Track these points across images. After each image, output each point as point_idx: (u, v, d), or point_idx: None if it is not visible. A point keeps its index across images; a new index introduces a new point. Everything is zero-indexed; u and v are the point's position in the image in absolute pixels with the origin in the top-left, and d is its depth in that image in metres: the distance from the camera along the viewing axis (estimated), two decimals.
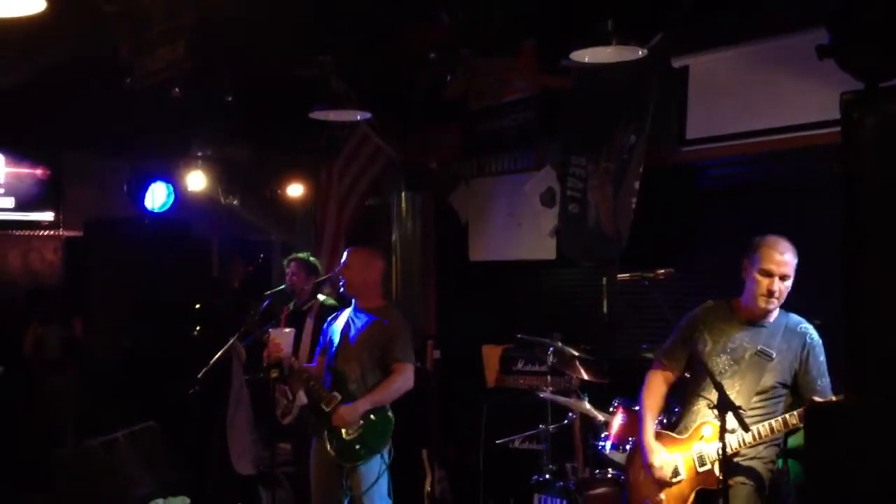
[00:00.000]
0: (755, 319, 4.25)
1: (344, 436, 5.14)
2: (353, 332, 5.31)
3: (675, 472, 4.22)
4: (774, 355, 4.16)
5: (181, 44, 5.84)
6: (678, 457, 4.24)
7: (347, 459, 5.17)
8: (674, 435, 4.34)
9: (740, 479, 4.11)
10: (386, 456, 5.26)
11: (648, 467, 4.24)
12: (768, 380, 4.16)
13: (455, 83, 6.62)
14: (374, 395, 5.17)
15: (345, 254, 5.48)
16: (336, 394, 5.20)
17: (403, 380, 5.24)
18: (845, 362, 3.05)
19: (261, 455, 6.83)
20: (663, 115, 6.02)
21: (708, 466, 4.16)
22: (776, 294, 4.12)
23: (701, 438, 4.21)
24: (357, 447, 5.14)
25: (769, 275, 4.12)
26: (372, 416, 5.19)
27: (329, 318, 5.58)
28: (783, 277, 4.14)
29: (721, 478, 3.91)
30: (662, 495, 4.21)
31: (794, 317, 4.27)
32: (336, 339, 5.36)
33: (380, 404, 5.20)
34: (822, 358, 4.17)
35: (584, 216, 6.46)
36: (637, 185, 6.01)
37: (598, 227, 6.32)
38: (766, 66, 5.50)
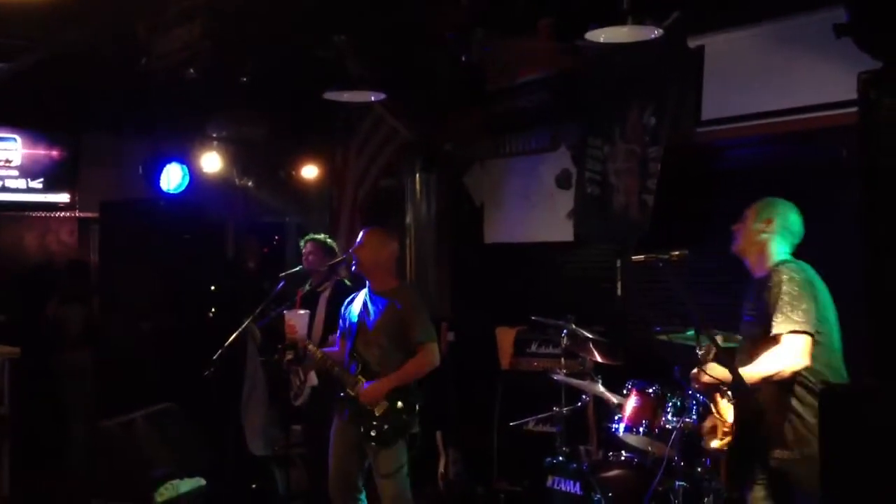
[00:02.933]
0: None
1: (375, 414, 5.15)
2: (370, 317, 5.29)
3: None
4: None
5: (197, 24, 5.84)
6: None
7: (378, 441, 5.15)
8: None
9: None
10: (403, 444, 5.25)
11: None
12: None
13: (471, 62, 6.58)
14: (399, 374, 5.16)
15: (361, 233, 5.47)
16: (360, 377, 5.19)
17: (429, 359, 5.22)
18: (865, 346, 3.04)
19: (275, 436, 6.85)
20: (679, 96, 5.99)
21: None
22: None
23: None
24: (386, 427, 5.14)
25: None
26: (399, 403, 5.16)
27: (346, 301, 5.57)
28: (741, 218, 4.33)
29: None
30: None
31: None
32: (353, 323, 5.36)
33: (404, 383, 5.18)
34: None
35: (609, 199, 6.43)
36: (658, 167, 5.99)
37: (625, 211, 6.30)
38: (782, 45, 5.45)
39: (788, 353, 3.85)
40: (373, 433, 5.14)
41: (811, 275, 3.99)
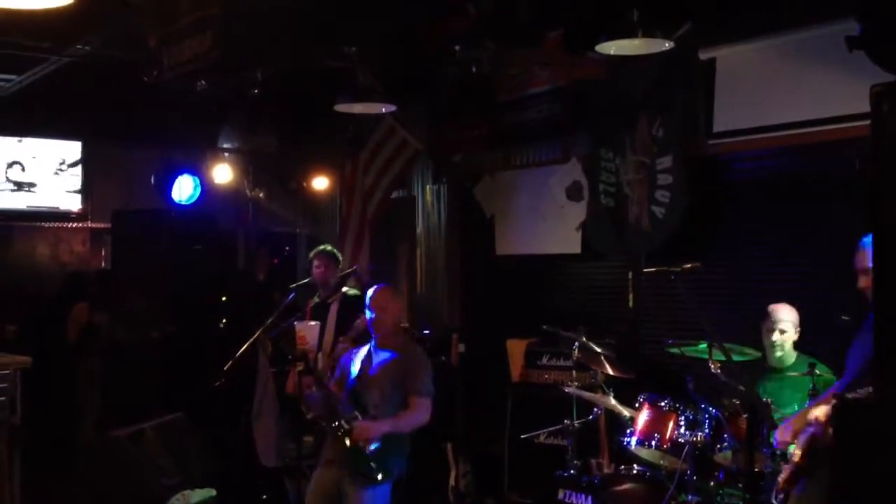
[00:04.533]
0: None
1: (363, 451, 5.07)
2: (374, 363, 5.29)
3: None
4: None
5: (208, 35, 5.85)
6: None
7: (361, 475, 5.05)
8: None
9: None
10: (388, 491, 5.15)
11: None
12: None
13: (480, 74, 6.58)
14: (395, 420, 5.11)
15: (374, 296, 5.35)
16: (356, 413, 5.14)
17: (421, 413, 5.19)
18: (875, 357, 3.02)
19: (286, 447, 6.84)
20: (688, 108, 5.98)
21: None
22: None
23: None
24: (373, 465, 5.05)
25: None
26: (390, 445, 5.09)
27: (349, 353, 5.53)
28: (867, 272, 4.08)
29: None
30: None
31: None
32: (355, 370, 5.33)
33: (398, 431, 5.13)
34: None
35: (624, 210, 6.42)
36: (670, 178, 5.98)
37: (638, 223, 6.29)
38: (793, 58, 5.43)
39: None
40: (360, 468, 5.04)
41: None
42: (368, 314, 5.33)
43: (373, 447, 5.02)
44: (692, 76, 5.93)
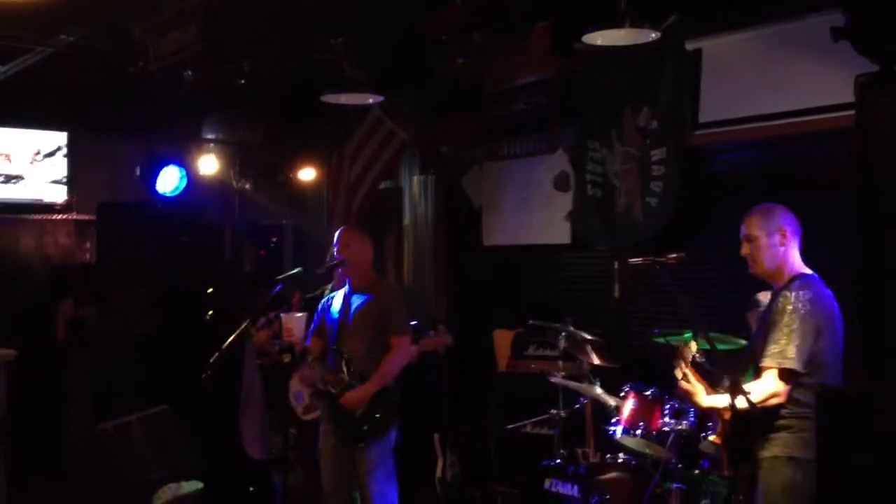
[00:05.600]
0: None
1: (355, 415, 5.17)
2: (351, 311, 5.33)
3: None
4: None
5: (193, 26, 5.83)
6: None
7: (355, 440, 5.19)
8: None
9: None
10: (392, 438, 5.29)
11: None
12: None
13: (468, 65, 6.58)
14: (380, 376, 5.21)
15: (340, 234, 5.47)
16: (343, 375, 5.21)
17: (402, 354, 5.30)
18: (860, 347, 3.04)
19: (273, 439, 6.84)
20: (677, 99, 5.99)
21: None
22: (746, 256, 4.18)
23: None
24: (365, 427, 5.16)
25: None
26: (378, 402, 5.22)
27: (324, 301, 5.59)
28: (747, 238, 4.16)
29: None
30: None
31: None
32: (335, 320, 5.38)
33: (386, 382, 5.24)
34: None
35: (611, 200, 6.43)
36: (664, 169, 6.00)
37: (628, 213, 6.30)
38: (779, 48, 5.45)
39: (767, 388, 3.86)
40: (353, 432, 5.18)
41: (818, 293, 3.92)
42: (333, 253, 5.41)
43: (362, 409, 5.13)
44: (679, 67, 5.94)
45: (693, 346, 4.22)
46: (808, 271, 4.01)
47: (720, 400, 4.00)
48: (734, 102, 5.73)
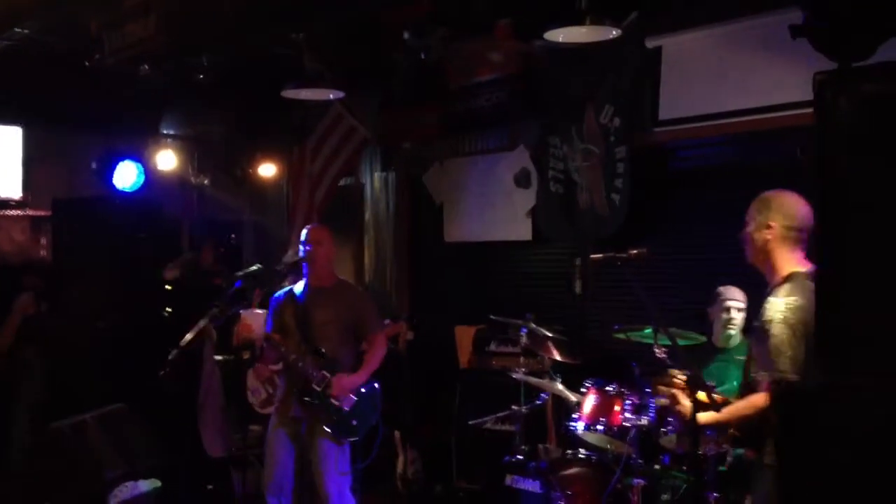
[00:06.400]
0: None
1: (344, 409, 5.17)
2: (316, 311, 5.30)
3: None
4: None
5: (151, 19, 5.76)
6: None
7: (344, 434, 5.20)
8: None
9: None
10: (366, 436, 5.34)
11: None
12: None
13: (430, 60, 6.56)
14: (367, 368, 5.30)
15: (309, 231, 5.44)
16: (325, 373, 5.18)
17: (383, 347, 5.42)
18: (818, 341, 3.07)
19: (232, 437, 6.79)
20: (637, 96, 6.02)
21: None
22: None
23: None
24: (354, 423, 5.16)
25: None
26: (363, 390, 5.28)
27: (278, 297, 5.54)
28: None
29: None
30: None
31: None
32: (300, 317, 5.34)
33: (370, 372, 5.33)
34: None
35: (573, 197, 6.46)
36: (623, 167, 6.03)
37: (590, 209, 6.33)
38: (739, 46, 5.50)
39: (764, 402, 3.68)
40: (342, 427, 5.17)
41: (807, 300, 3.59)
42: (303, 249, 5.40)
43: (348, 406, 5.15)
44: (639, 64, 5.97)
45: (679, 374, 4.16)
46: (803, 269, 3.74)
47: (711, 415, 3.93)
48: (695, 100, 5.77)
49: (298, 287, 5.47)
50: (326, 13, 5.89)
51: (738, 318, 5.23)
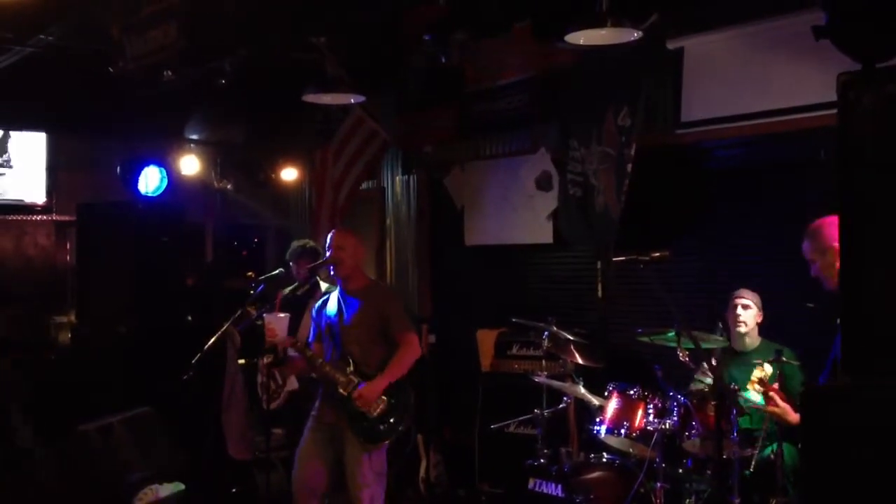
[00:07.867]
0: None
1: (372, 415, 5.14)
2: (346, 315, 5.29)
3: None
4: None
5: (173, 25, 5.78)
6: None
7: (371, 440, 5.15)
8: None
9: None
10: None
11: None
12: None
13: (450, 63, 6.56)
14: (392, 370, 5.16)
15: (333, 236, 5.43)
16: (353, 378, 5.16)
17: (412, 350, 5.24)
18: (842, 343, 3.05)
19: (256, 440, 6.81)
20: (659, 98, 5.99)
21: None
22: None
23: None
24: (381, 427, 5.13)
25: None
26: (391, 398, 5.17)
27: (318, 304, 5.54)
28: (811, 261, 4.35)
29: None
30: None
31: None
32: (333, 324, 5.33)
33: (395, 379, 5.19)
34: None
35: (591, 200, 6.43)
36: (629, 167, 6.00)
37: (606, 211, 6.30)
38: (761, 47, 5.46)
39: None
40: (369, 432, 5.12)
41: None
42: (328, 254, 5.35)
43: (377, 410, 5.09)
44: (660, 66, 5.94)
45: (764, 372, 4.30)
46: None
47: None
48: (716, 101, 5.74)
49: (335, 292, 5.46)
50: (346, 17, 5.91)
51: (744, 315, 5.19)
